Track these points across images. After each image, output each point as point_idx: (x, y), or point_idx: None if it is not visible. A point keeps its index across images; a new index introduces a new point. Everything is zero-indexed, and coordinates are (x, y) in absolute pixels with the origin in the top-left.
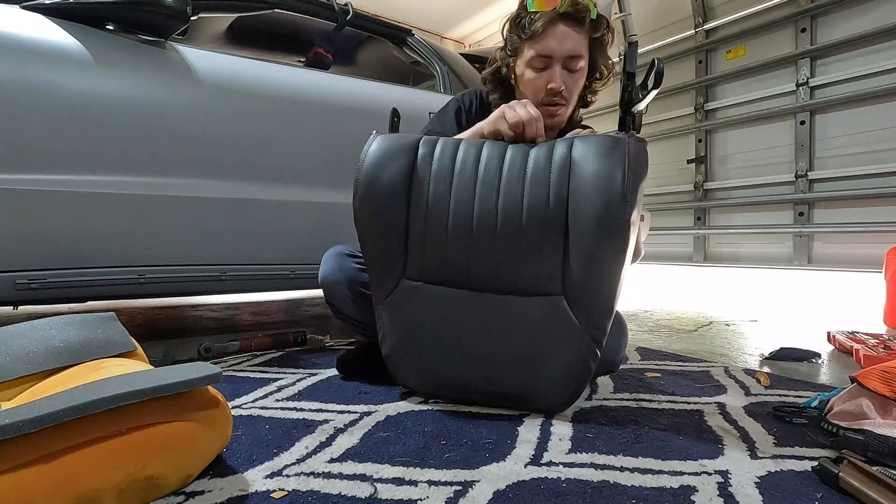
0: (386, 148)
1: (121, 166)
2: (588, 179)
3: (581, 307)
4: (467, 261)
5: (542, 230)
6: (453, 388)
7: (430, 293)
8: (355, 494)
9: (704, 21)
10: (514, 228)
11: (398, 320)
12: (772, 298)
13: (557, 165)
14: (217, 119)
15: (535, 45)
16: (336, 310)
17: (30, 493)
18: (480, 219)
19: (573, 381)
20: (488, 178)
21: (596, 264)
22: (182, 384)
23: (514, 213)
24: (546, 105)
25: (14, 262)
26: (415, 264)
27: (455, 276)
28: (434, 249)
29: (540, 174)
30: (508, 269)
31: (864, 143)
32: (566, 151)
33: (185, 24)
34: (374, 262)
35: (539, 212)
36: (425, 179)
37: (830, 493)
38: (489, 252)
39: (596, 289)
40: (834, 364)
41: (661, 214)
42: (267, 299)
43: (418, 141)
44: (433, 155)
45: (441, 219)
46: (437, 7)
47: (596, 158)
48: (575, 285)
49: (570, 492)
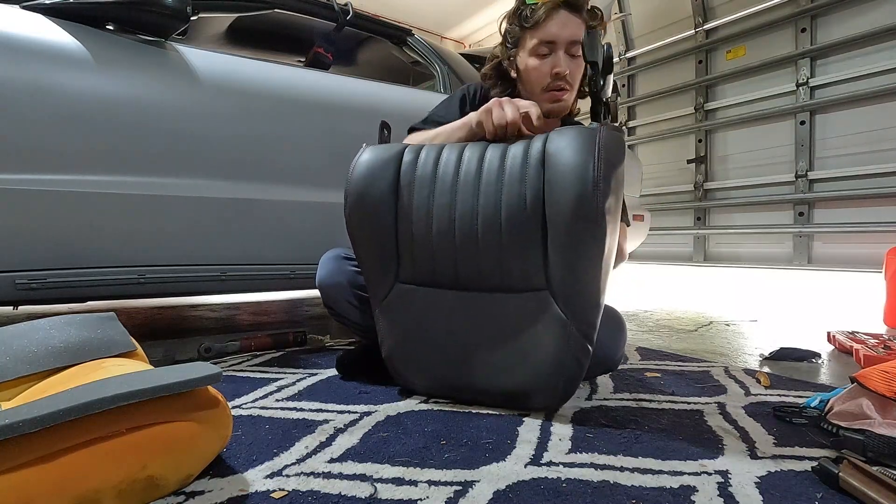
0: (374, 159)
1: (121, 166)
2: (562, 171)
3: (565, 301)
4: (454, 262)
5: (522, 226)
6: (452, 387)
7: (424, 295)
8: (355, 494)
9: (704, 21)
10: (494, 227)
11: (395, 323)
12: (772, 298)
13: (533, 160)
14: (217, 119)
15: (537, 32)
16: (334, 312)
17: (30, 493)
18: (461, 221)
19: (564, 378)
20: (468, 181)
21: (575, 256)
22: (182, 384)
23: (492, 212)
24: (552, 90)
25: (14, 262)
26: (407, 268)
27: (444, 278)
28: (422, 253)
29: (517, 171)
30: (493, 267)
31: (864, 143)
32: (542, 146)
33: (185, 24)
34: (369, 268)
35: (517, 209)
36: (410, 186)
37: (830, 493)
38: (473, 252)
39: (578, 281)
40: (834, 364)
41: (661, 214)
42: (267, 299)
43: (403, 150)
44: (417, 162)
45: (426, 223)
46: (437, 7)
47: (569, 150)
48: (557, 279)
49: (570, 492)
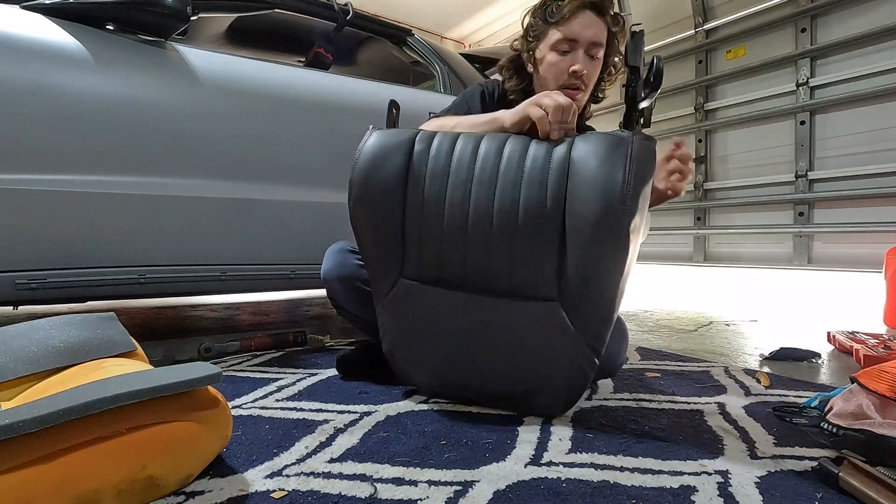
0: (382, 144)
1: (121, 166)
2: (586, 181)
3: (577, 315)
4: (463, 261)
5: (538, 233)
6: (452, 385)
7: (428, 294)
8: (355, 494)
9: (704, 21)
10: (509, 229)
11: (398, 319)
12: (772, 298)
13: (556, 165)
14: (217, 119)
15: (561, 28)
16: (337, 305)
17: (30, 493)
18: (475, 219)
19: (569, 388)
20: (484, 177)
21: (593, 272)
22: (182, 384)
23: (509, 213)
24: (566, 88)
25: (14, 262)
26: (412, 264)
27: (451, 278)
28: (430, 249)
29: (538, 174)
30: (503, 271)
31: (864, 143)
32: (566, 150)
33: (185, 24)
34: (372, 262)
35: (535, 213)
36: (421, 177)
37: (830, 493)
38: (484, 253)
39: (592, 297)
40: (834, 364)
41: (661, 214)
42: (267, 299)
43: (415, 136)
44: (430, 151)
45: (436, 218)
46: (437, 7)
47: (596, 159)
48: (571, 292)
49: (570, 492)
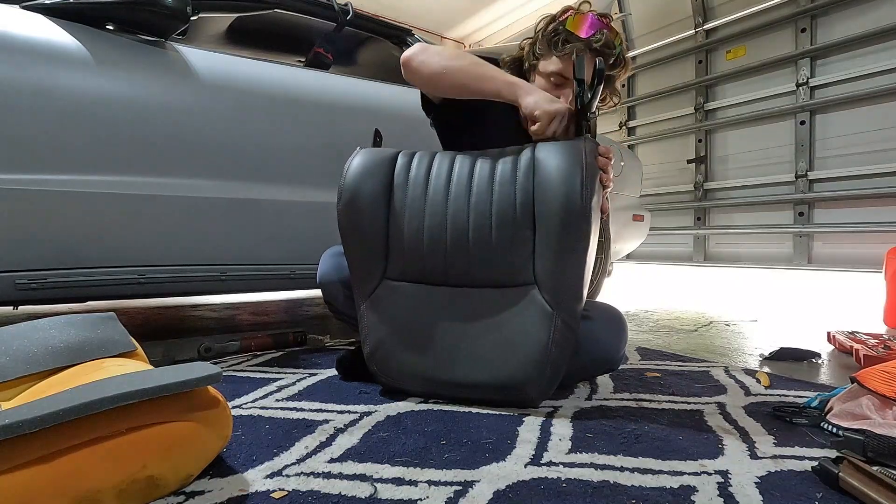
0: (368, 161)
1: (121, 166)
2: (551, 174)
3: (551, 293)
4: (444, 259)
5: (512, 225)
6: (437, 383)
7: (412, 291)
8: (355, 494)
9: (704, 21)
10: (485, 226)
11: (382, 318)
12: (772, 298)
13: (523, 165)
14: (217, 119)
15: (560, 63)
16: (333, 308)
17: (30, 493)
18: (454, 218)
19: (549, 365)
20: (461, 182)
21: (563, 251)
22: (182, 384)
23: (484, 210)
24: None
25: (14, 262)
26: (396, 265)
27: (434, 275)
28: (413, 250)
29: (508, 175)
30: (483, 263)
31: (864, 143)
32: (531, 153)
33: (185, 24)
34: (357, 264)
35: (508, 207)
36: (403, 186)
37: (830, 493)
38: (464, 249)
39: (563, 274)
40: (834, 364)
41: (661, 214)
42: (267, 299)
43: (397, 153)
44: (411, 164)
45: (418, 220)
46: (437, 7)
47: (557, 157)
48: (545, 273)
49: (570, 492)
